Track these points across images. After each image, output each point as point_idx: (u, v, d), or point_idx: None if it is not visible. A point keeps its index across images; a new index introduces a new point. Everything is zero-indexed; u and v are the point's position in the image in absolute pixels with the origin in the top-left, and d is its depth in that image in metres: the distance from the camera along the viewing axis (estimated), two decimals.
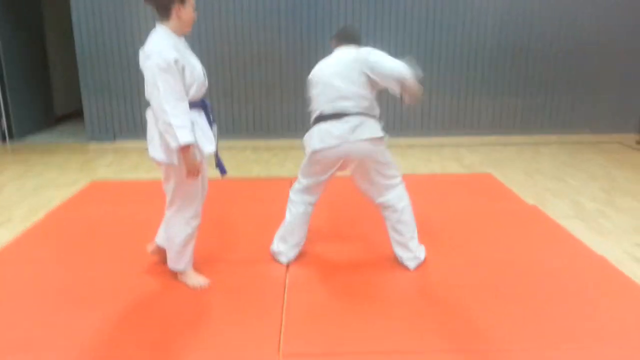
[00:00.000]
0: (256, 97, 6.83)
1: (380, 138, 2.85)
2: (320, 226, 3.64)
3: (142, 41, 2.57)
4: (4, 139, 6.82)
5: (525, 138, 6.88)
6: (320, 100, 2.85)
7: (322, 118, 2.84)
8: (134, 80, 6.55)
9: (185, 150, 2.45)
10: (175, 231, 2.75)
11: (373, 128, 2.83)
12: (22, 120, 7.09)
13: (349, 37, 3.03)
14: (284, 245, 3.13)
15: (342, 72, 2.80)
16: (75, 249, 3.39)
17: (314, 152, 2.86)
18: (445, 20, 6.67)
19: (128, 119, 6.81)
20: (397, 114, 6.68)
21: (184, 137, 2.39)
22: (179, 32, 2.55)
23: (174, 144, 2.41)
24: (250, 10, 6.55)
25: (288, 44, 6.65)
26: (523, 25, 6.71)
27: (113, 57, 6.62)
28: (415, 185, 3.07)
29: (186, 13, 2.52)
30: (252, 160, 5.85)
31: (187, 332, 2.44)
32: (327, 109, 2.81)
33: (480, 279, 2.95)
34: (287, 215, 3.12)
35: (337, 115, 2.79)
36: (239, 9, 6.54)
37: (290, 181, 4.77)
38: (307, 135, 2.94)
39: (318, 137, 2.83)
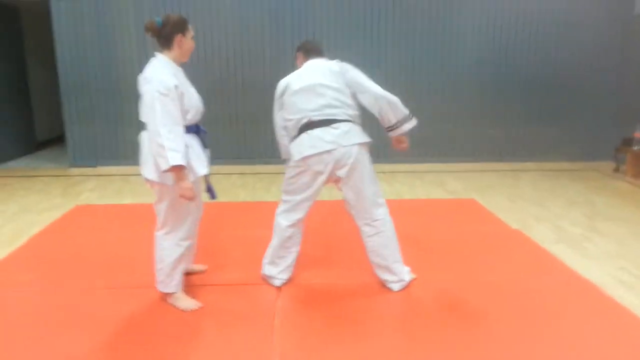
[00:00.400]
0: (241, 124, 6.88)
1: (368, 144, 2.92)
2: (309, 249, 3.64)
3: (125, 68, 2.62)
4: None
5: (506, 165, 7.02)
6: (306, 107, 2.84)
7: (310, 125, 2.83)
8: (117, 106, 6.55)
9: (177, 172, 2.47)
10: (165, 252, 2.74)
11: (361, 134, 2.90)
12: (2, 146, 7.00)
13: (317, 50, 3.06)
14: (275, 269, 3.10)
15: (329, 83, 2.85)
16: (61, 272, 3.33)
17: (305, 159, 2.82)
18: (427, 52, 6.85)
19: (111, 144, 6.76)
20: (381, 141, 6.76)
21: (175, 160, 2.42)
22: (178, 61, 2.65)
23: (164, 166, 2.44)
24: (235, 41, 6.65)
25: (272, 73, 6.72)
26: (501, 59, 6.96)
27: (96, 83, 6.61)
28: (401, 209, 3.11)
29: (186, 43, 2.65)
30: (238, 185, 5.84)
31: (178, 355, 2.40)
32: (316, 116, 2.81)
33: (466, 302, 2.97)
34: (275, 239, 3.08)
35: (326, 122, 2.80)
36: (223, 39, 6.63)
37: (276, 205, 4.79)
38: (293, 144, 2.90)
39: (309, 143, 2.81)
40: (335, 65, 2.94)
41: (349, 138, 2.81)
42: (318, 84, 2.85)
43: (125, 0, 6.46)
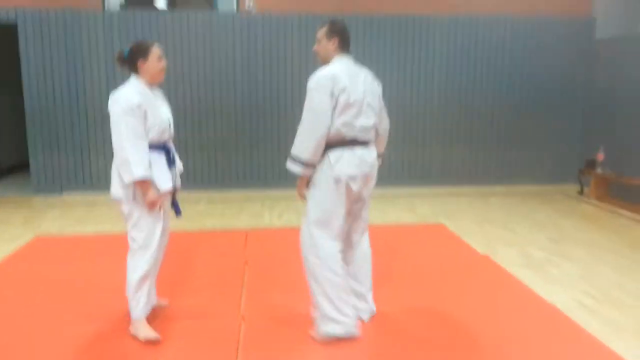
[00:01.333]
0: (210, 149, 6.82)
1: None
2: (272, 277, 3.59)
3: (92, 95, 2.62)
4: None
5: (475, 189, 7.10)
6: (354, 124, 2.70)
7: (354, 143, 2.73)
8: (83, 133, 6.41)
9: (142, 184, 2.57)
10: (130, 272, 2.73)
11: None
12: None
13: (349, 43, 2.87)
14: (348, 310, 2.78)
15: (375, 105, 2.84)
16: (16, 306, 3.20)
17: (349, 178, 2.70)
18: (396, 76, 6.94)
19: (76, 172, 6.61)
20: None
21: (139, 172, 2.53)
22: (150, 82, 2.74)
23: (129, 179, 2.53)
24: (205, 65, 6.64)
25: (243, 97, 6.73)
26: (469, 84, 7.11)
27: (62, 110, 6.48)
28: (371, 235, 3.10)
29: (150, 66, 2.72)
30: (206, 213, 5.76)
31: None
32: (360, 136, 2.75)
33: (433, 329, 2.95)
34: (333, 279, 2.72)
35: (365, 143, 2.79)
36: (194, 63, 6.61)
37: (244, 233, 4.73)
38: (331, 158, 2.70)
39: (357, 162, 2.72)
40: (377, 85, 2.93)
41: (377, 162, 2.91)
42: (367, 104, 2.77)
43: (94, 26, 6.41)
